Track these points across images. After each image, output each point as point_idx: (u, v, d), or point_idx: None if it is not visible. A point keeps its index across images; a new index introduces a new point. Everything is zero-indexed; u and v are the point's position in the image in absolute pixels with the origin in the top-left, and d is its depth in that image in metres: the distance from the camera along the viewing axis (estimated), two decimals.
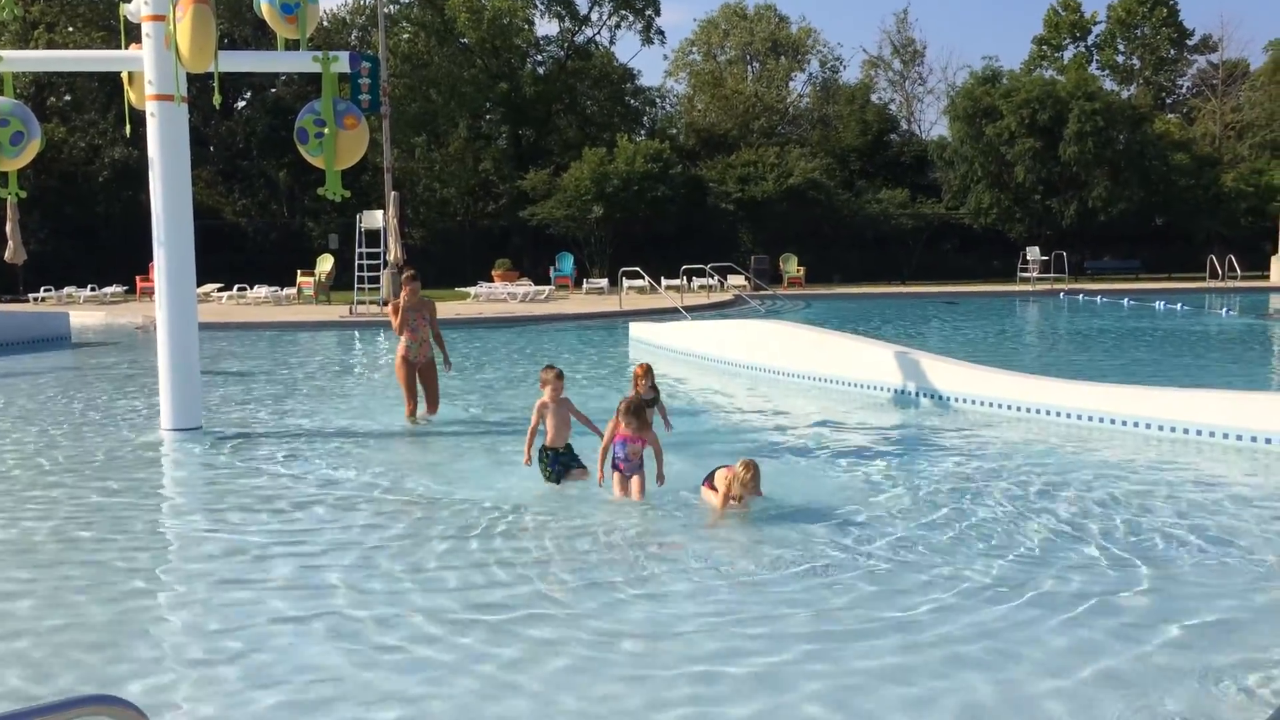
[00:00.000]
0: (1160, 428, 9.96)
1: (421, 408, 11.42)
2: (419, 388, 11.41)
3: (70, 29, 43.50)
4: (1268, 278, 38.79)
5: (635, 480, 7.79)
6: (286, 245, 43.49)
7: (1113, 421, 10.31)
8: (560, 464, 8.19)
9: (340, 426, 11.33)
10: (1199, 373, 15.26)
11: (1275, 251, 39.52)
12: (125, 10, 11.13)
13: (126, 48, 11.28)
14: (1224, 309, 27.20)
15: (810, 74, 60.08)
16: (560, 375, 8.26)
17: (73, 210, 41.82)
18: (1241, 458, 9.15)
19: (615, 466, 7.90)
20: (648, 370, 9.86)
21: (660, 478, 7.76)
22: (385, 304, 28.15)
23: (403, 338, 11.27)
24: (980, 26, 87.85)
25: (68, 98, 45.50)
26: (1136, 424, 10.13)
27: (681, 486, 7.96)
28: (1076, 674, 4.71)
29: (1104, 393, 10.72)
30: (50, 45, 40.29)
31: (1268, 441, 9.26)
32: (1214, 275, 36.06)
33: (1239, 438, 9.45)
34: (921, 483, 8.30)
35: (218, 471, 9.08)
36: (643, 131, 51.45)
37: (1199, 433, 9.70)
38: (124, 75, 11.66)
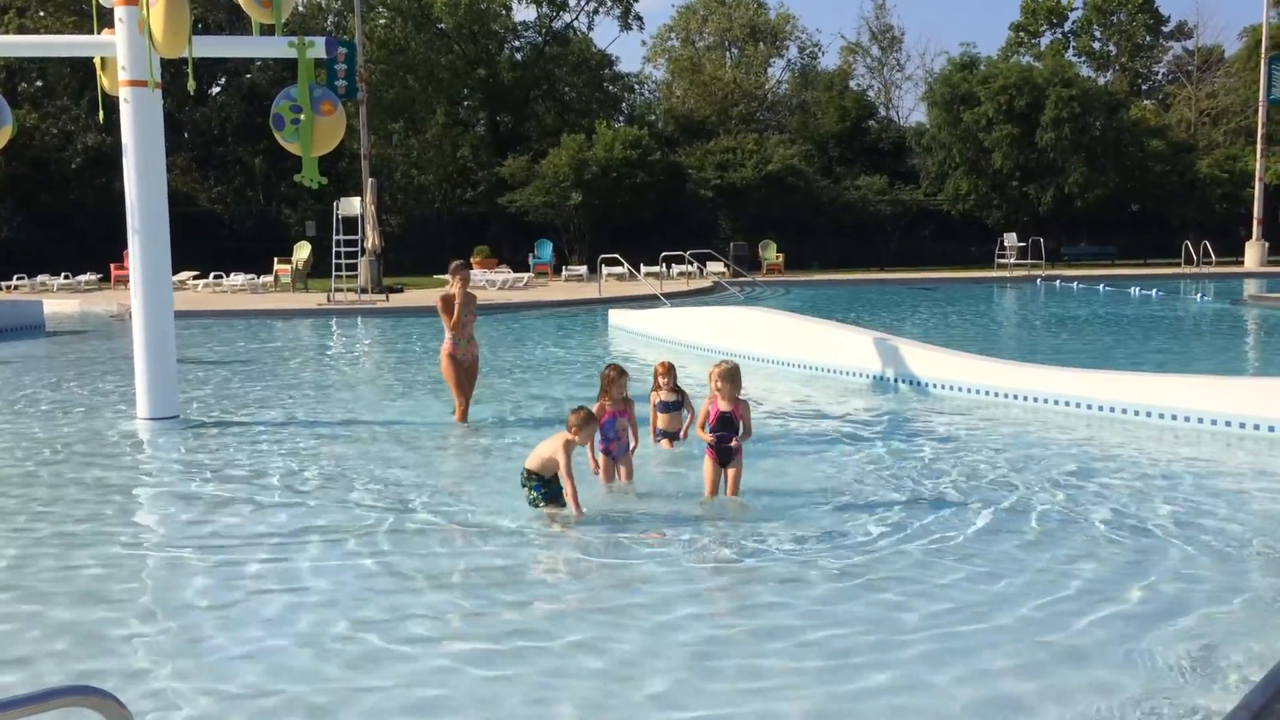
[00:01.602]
0: (1137, 413, 10.03)
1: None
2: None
3: (41, 13, 42.98)
4: (1242, 263, 39.09)
5: (625, 462, 7.69)
6: (263, 233, 43.21)
7: (1089, 407, 10.38)
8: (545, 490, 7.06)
9: (318, 416, 11.28)
10: (1174, 358, 15.38)
11: (1250, 237, 39.83)
12: None
13: (99, 32, 11.15)
14: (1199, 295, 27.42)
15: (789, 60, 60.13)
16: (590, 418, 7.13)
17: (46, 198, 41.40)
18: (1218, 442, 9.23)
19: (606, 450, 7.67)
20: (669, 370, 8.72)
21: (634, 442, 7.80)
22: (364, 291, 28.03)
23: (449, 334, 10.35)
24: (958, 13, 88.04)
25: (39, 83, 44.97)
26: (1114, 409, 10.20)
27: (668, 469, 7.97)
28: (1064, 661, 4.75)
29: (1081, 378, 10.79)
30: (21, 30, 39.80)
31: (1242, 426, 9.35)
32: (1189, 261, 36.31)
33: (1214, 422, 9.53)
34: (902, 469, 8.33)
35: (195, 461, 9.02)
36: (621, 118, 51.35)
37: (1174, 417, 9.78)
38: (97, 61, 11.53)
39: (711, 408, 7.25)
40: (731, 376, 7.23)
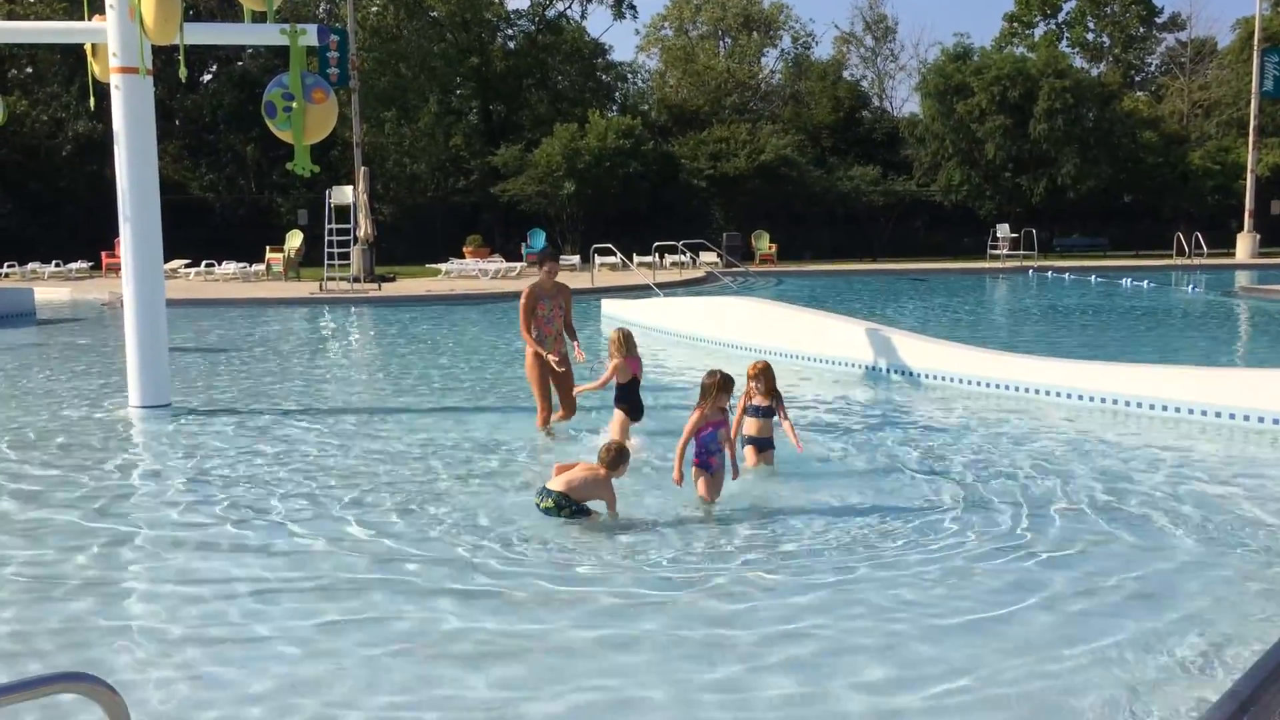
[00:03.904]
0: (1129, 403, 10.07)
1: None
2: (551, 390, 9.54)
3: None
4: (1233, 255, 39.19)
5: (717, 479, 6.96)
6: (255, 221, 43.05)
7: (1080, 397, 10.41)
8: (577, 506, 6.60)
9: (309, 404, 11.26)
10: (1165, 349, 15.42)
11: (1241, 229, 39.93)
12: None
13: (90, 19, 11.10)
14: (1190, 286, 27.48)
15: (782, 50, 60.11)
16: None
17: (36, 185, 41.19)
18: (1208, 433, 9.27)
19: (706, 464, 6.92)
20: (763, 371, 7.59)
21: (735, 471, 7.12)
22: (356, 280, 27.95)
23: (532, 332, 9.42)
24: (952, 3, 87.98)
25: (29, 70, 44.70)
26: (1104, 399, 10.24)
27: (663, 464, 7.98)
28: (1056, 652, 4.78)
29: (1072, 369, 10.82)
30: (11, 16, 39.55)
31: (1231, 417, 9.39)
32: (1181, 252, 36.41)
33: (1204, 413, 9.57)
34: (896, 460, 8.35)
35: (186, 449, 9.00)
36: (614, 107, 51.22)
37: (1164, 408, 9.81)
38: (87, 47, 11.47)
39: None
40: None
